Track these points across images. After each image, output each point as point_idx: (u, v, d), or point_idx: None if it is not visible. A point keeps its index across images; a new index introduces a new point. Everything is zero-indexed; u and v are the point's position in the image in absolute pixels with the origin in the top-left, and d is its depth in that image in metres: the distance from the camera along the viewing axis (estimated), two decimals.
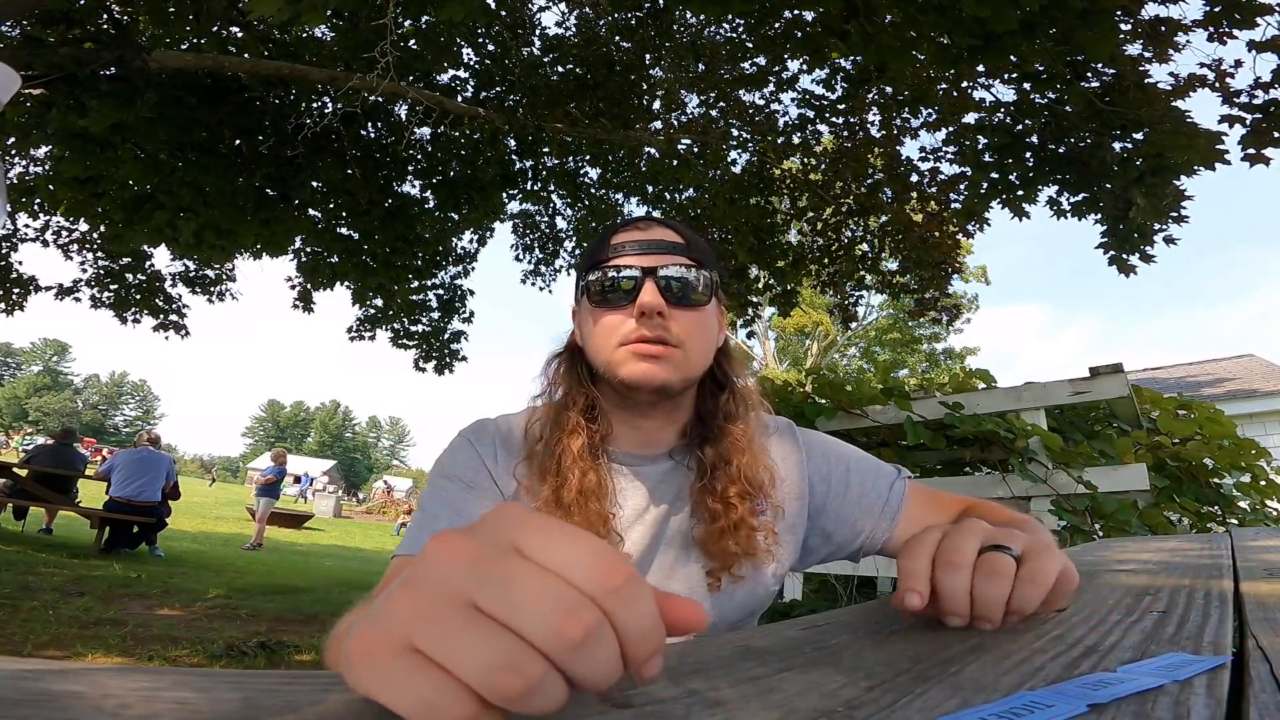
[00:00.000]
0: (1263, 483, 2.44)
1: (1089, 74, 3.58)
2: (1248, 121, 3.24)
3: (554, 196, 6.72)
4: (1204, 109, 3.55)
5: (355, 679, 0.24)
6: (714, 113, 5.74)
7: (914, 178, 5.41)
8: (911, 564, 0.48)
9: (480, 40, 5.49)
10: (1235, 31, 3.09)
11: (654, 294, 0.74)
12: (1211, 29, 3.18)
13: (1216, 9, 3.08)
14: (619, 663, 0.24)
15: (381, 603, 0.25)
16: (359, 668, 0.24)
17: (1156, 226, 3.91)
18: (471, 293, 6.88)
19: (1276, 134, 3.16)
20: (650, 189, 6.21)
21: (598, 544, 0.25)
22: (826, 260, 6.09)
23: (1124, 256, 4.05)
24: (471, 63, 5.60)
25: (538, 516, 0.26)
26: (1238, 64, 3.32)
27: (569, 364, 0.85)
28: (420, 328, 6.72)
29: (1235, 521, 2.41)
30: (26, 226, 5.94)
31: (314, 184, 5.27)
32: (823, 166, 5.77)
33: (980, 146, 4.44)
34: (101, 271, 6.12)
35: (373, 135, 5.56)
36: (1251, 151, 3.21)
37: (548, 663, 0.22)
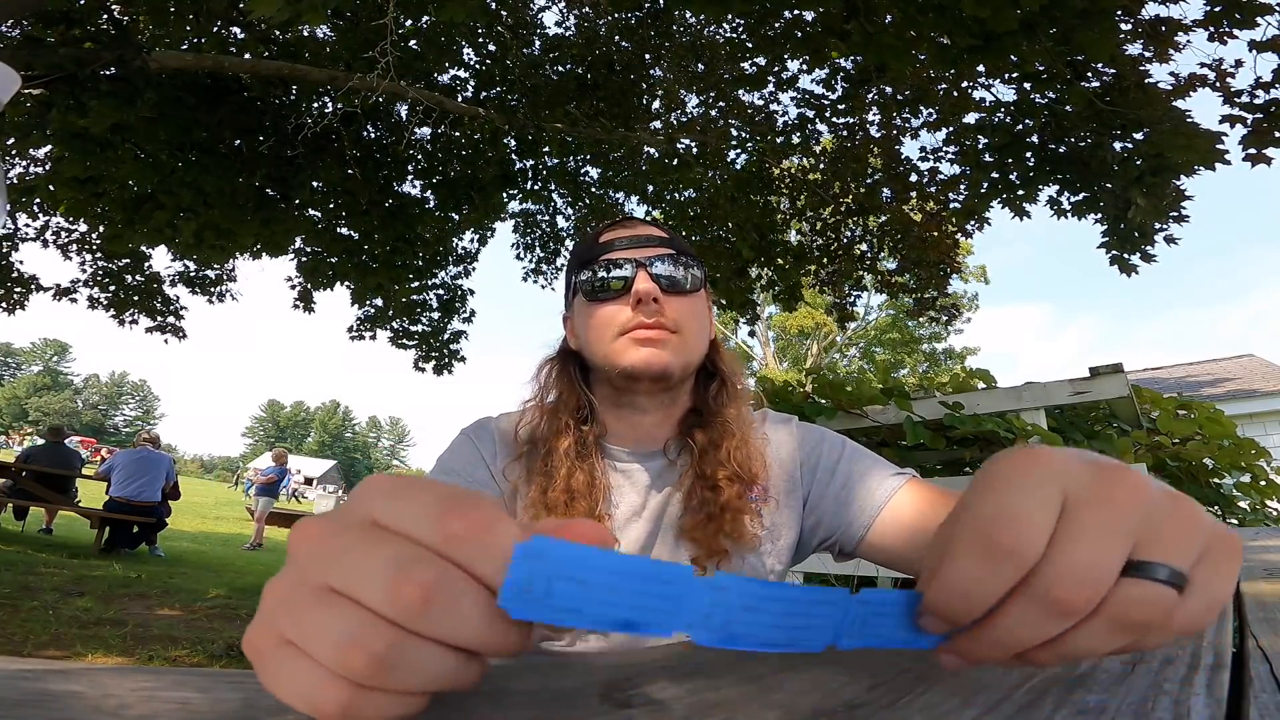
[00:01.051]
0: (1263, 483, 2.45)
1: (1089, 74, 3.59)
2: (1249, 121, 3.24)
3: (554, 196, 6.72)
4: (1205, 109, 3.55)
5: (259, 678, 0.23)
6: (714, 113, 5.74)
7: (913, 178, 5.41)
8: (954, 583, 0.26)
9: (480, 40, 5.49)
10: (1235, 31, 3.10)
11: (648, 282, 0.76)
12: (1211, 29, 3.18)
13: (1217, 9, 3.08)
14: (494, 616, 0.22)
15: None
16: (255, 667, 0.23)
17: (1157, 226, 3.91)
18: (472, 292, 6.87)
19: (1277, 134, 3.16)
20: (650, 188, 6.22)
21: (446, 492, 0.23)
22: (826, 260, 6.10)
23: (1125, 256, 4.05)
24: (471, 63, 5.61)
25: (398, 480, 0.24)
26: (1238, 64, 3.32)
27: (561, 367, 0.85)
28: (420, 328, 6.73)
29: (1235, 521, 2.41)
30: (27, 226, 5.94)
31: (314, 184, 5.28)
32: (822, 166, 5.77)
33: (980, 146, 4.44)
34: (100, 272, 6.12)
35: (373, 135, 5.56)
36: (1253, 151, 3.21)
37: (401, 631, 0.21)
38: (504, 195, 6.23)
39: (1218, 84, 3.42)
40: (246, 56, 4.54)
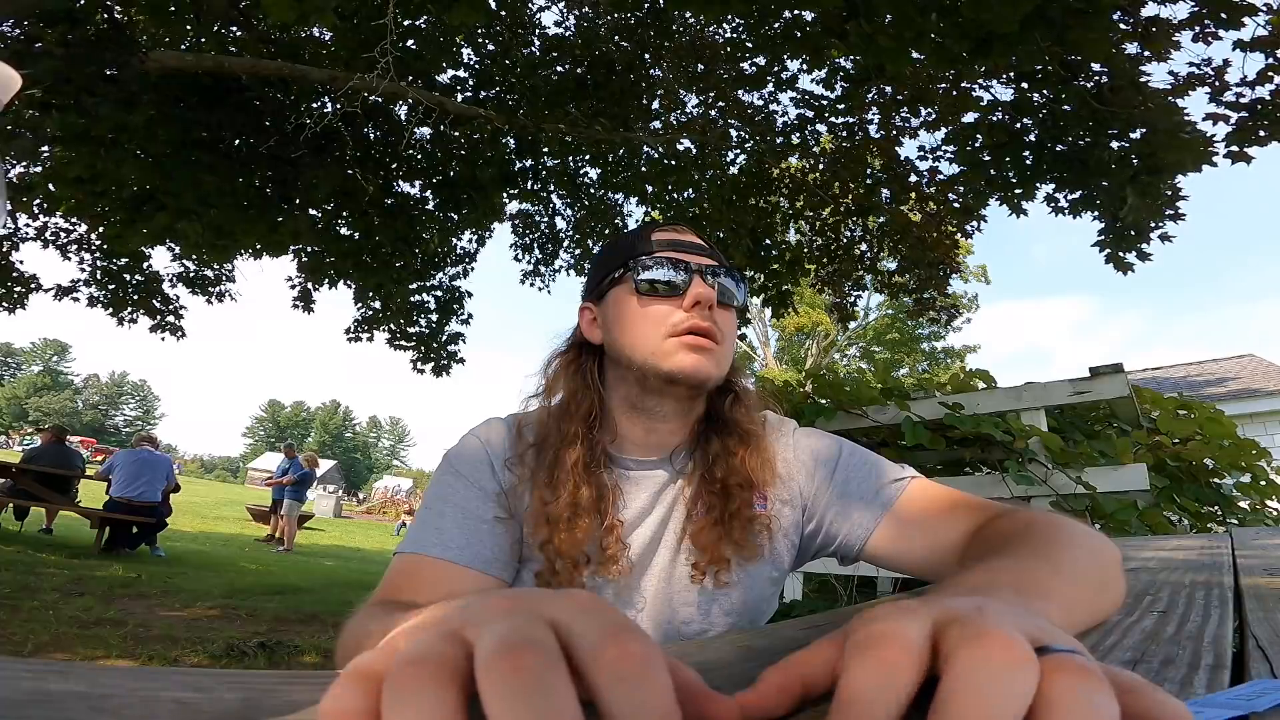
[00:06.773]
0: (1263, 483, 2.44)
1: (1085, 73, 3.59)
2: (1232, 120, 3.25)
3: (553, 197, 6.72)
4: (1202, 109, 3.56)
5: None
6: (713, 113, 5.74)
7: (913, 178, 5.41)
8: None
9: (480, 40, 5.49)
10: (1220, 32, 3.10)
11: (709, 287, 0.76)
12: (1197, 29, 3.19)
13: (1202, 9, 3.09)
14: None
15: None
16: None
17: (1153, 225, 3.92)
18: (469, 294, 6.88)
19: (1263, 132, 3.17)
20: (650, 189, 6.22)
21: None
22: (825, 260, 6.10)
23: (1120, 255, 4.06)
24: (471, 63, 5.60)
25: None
26: (1226, 63, 3.34)
27: (575, 362, 0.83)
28: (418, 329, 6.72)
29: (1235, 521, 2.41)
30: (27, 226, 5.94)
31: (314, 184, 5.27)
32: (821, 166, 5.77)
33: (978, 145, 4.44)
34: (100, 272, 6.12)
35: (373, 135, 5.55)
36: (1234, 149, 3.22)
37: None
38: (503, 195, 6.22)
39: (1216, 83, 3.43)
40: (246, 56, 4.53)
